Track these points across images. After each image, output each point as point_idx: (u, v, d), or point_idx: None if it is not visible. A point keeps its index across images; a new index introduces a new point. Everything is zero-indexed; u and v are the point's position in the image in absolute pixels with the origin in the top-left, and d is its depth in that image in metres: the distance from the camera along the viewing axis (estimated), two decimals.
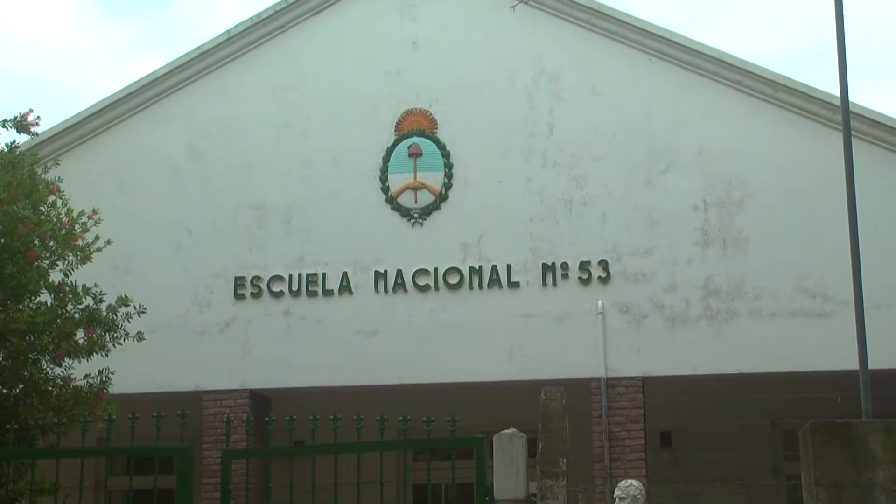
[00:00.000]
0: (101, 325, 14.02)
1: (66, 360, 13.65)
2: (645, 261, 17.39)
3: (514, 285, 17.61)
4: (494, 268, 17.64)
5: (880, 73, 50.80)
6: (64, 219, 14.00)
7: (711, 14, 54.78)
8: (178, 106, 18.73)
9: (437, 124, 18.18)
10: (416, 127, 18.23)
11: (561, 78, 18.01)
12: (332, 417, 9.28)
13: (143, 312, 14.60)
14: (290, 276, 18.01)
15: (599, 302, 17.32)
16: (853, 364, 13.32)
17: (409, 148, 18.18)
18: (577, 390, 15.38)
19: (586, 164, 17.74)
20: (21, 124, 13.86)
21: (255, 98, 18.61)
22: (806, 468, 7.36)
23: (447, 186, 18.01)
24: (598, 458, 16.95)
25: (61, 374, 13.67)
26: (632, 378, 17.14)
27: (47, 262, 13.82)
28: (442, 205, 18.00)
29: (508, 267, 17.62)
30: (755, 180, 17.33)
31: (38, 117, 13.97)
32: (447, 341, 17.50)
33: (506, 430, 8.90)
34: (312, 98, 18.50)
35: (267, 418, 11.34)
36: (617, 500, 13.95)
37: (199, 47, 18.75)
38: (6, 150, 14.02)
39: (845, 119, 13.78)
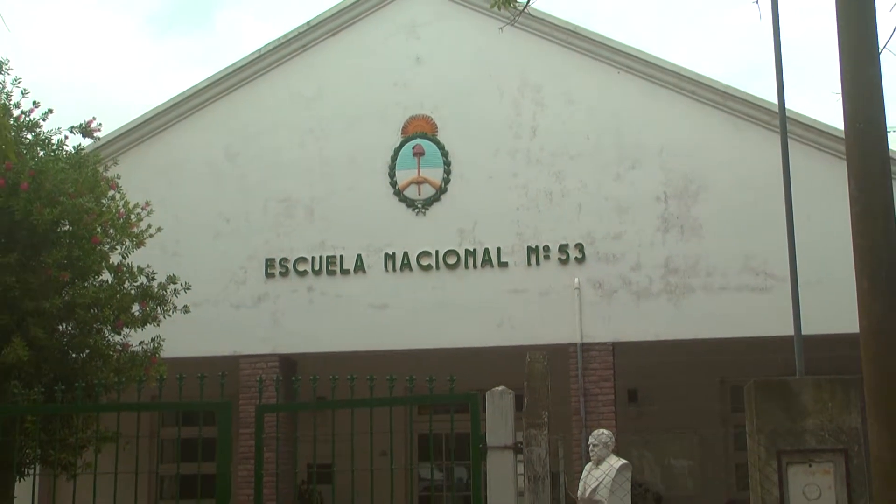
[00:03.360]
0: (154, 300, 14.10)
1: (125, 329, 13.73)
2: (614, 244, 17.42)
3: (503, 265, 17.62)
4: (486, 250, 17.66)
5: (814, 84, 50.77)
6: (122, 210, 14.06)
7: (672, 33, 54.71)
8: (217, 114, 18.72)
9: (437, 128, 18.16)
10: (420, 130, 18.21)
11: (542, 88, 18.00)
12: (349, 377, 9.32)
13: (188, 289, 14.69)
14: (313, 258, 18.03)
15: (576, 279, 17.35)
16: (789, 330, 13.38)
17: (413, 148, 18.17)
18: (557, 354, 15.43)
19: (564, 162, 17.74)
20: (85, 130, 13.90)
21: (282, 107, 18.58)
22: (749, 418, 7.44)
23: (446, 181, 18.02)
24: (575, 411, 16.99)
25: (120, 341, 13.75)
26: (603, 343, 17.17)
27: (108, 246, 13.89)
28: (442, 196, 18.01)
29: (498, 249, 17.63)
30: (708, 175, 17.35)
31: (100, 124, 14.04)
32: (446, 313, 17.53)
33: (496, 388, 8.91)
34: (331, 106, 18.47)
35: (294, 378, 11.40)
36: (591, 446, 14.02)
37: (234, 63, 18.72)
38: (73, 151, 14.08)
39: (782, 124, 13.83)
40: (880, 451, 6.92)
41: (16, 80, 13.50)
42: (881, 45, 7.62)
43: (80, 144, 14.43)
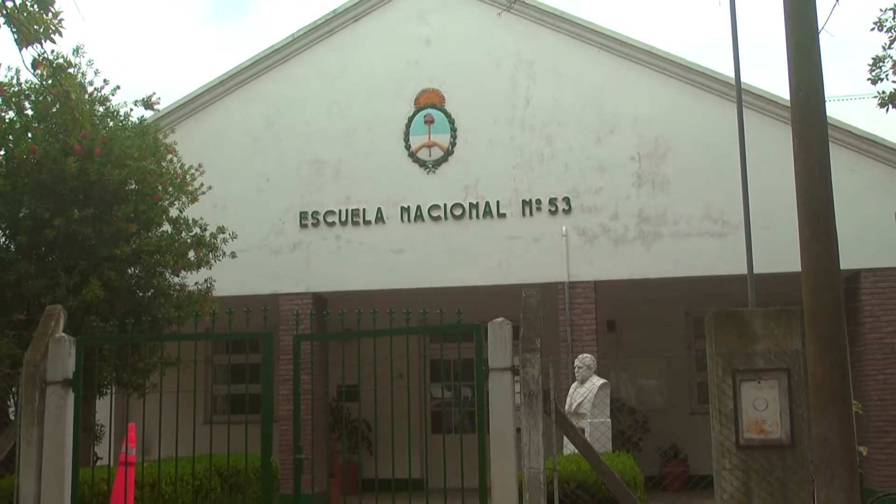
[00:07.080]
0: (206, 247, 14.24)
1: (182, 272, 13.87)
2: (596, 197, 17.44)
3: (501, 216, 17.65)
4: (487, 203, 17.68)
5: (764, 59, 50.48)
6: (178, 171, 14.17)
7: (644, 14, 54.41)
8: (257, 89, 18.67)
9: (445, 99, 18.12)
10: (430, 101, 18.17)
11: (534, 65, 17.94)
12: (371, 311, 9.44)
13: (235, 238, 14.84)
14: (340, 211, 18.07)
15: (563, 227, 17.39)
16: (743, 269, 13.57)
17: (424, 117, 18.14)
18: (548, 291, 15.48)
19: (553, 128, 17.73)
20: (147, 103, 13.95)
21: (312, 82, 18.53)
22: (709, 343, 7.51)
23: (453, 144, 18.01)
24: (563, 339, 17.10)
25: (179, 282, 13.90)
26: (587, 282, 17.22)
27: (167, 202, 14.01)
28: (449, 158, 17.99)
29: (497, 203, 17.65)
30: (675, 139, 17.32)
31: (159, 98, 14.07)
32: (454, 257, 17.59)
33: (496, 319, 9.01)
34: (353, 82, 18.42)
35: (325, 313, 11.53)
36: (576, 368, 14.18)
37: (271, 46, 18.65)
38: (137, 122, 14.15)
39: (738, 94, 13.86)
40: (815, 367, 7.09)
41: (89, 62, 13.57)
42: (820, 26, 7.66)
43: (142, 116, 14.50)
